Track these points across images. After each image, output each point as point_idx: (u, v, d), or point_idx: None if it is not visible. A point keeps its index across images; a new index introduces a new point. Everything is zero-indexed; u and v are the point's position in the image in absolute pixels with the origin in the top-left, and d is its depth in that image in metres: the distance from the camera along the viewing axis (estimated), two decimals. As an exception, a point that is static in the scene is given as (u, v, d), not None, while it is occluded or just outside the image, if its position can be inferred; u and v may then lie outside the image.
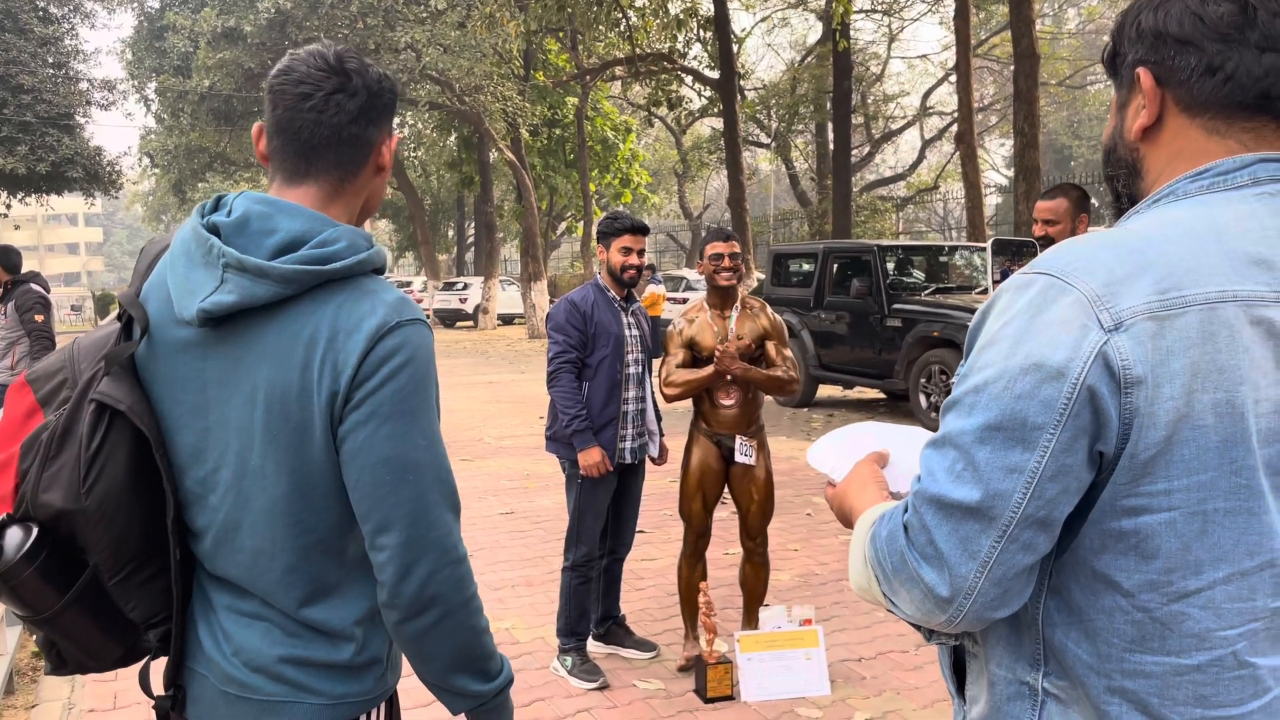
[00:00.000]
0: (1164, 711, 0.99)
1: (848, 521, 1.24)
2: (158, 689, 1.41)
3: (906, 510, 1.06)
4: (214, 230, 1.29)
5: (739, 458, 3.92)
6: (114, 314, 1.40)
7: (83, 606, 1.27)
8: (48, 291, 6.47)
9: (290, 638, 1.33)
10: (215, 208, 1.34)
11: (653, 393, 4.13)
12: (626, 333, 3.95)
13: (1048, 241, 3.75)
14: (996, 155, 39.78)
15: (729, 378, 3.86)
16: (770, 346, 3.92)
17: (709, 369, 3.82)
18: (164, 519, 1.32)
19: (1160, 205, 1.08)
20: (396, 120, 31.90)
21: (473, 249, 37.61)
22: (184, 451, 1.33)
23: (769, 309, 4.02)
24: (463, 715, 1.39)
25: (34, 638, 1.37)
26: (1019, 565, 0.99)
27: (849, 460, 1.32)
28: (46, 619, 1.27)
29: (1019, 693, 1.09)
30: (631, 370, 3.96)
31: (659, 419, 4.18)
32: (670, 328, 4.04)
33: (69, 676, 3.94)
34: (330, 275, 1.27)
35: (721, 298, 3.93)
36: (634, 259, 3.94)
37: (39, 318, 6.26)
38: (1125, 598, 0.99)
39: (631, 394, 3.96)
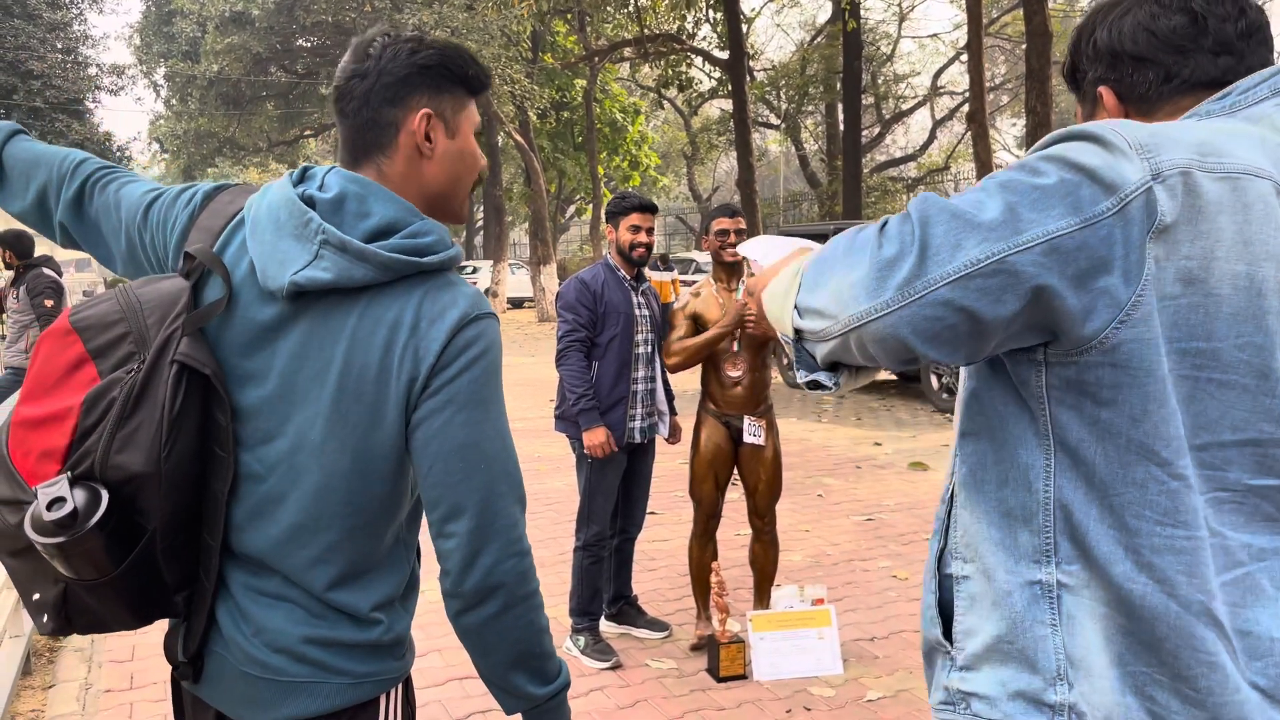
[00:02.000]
0: (1190, 591, 0.97)
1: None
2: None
3: (889, 218, 1.05)
4: (309, 203, 1.28)
5: (747, 438, 3.91)
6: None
7: (133, 573, 1.25)
8: (60, 276, 6.49)
9: (315, 619, 1.32)
10: (303, 179, 1.34)
11: (663, 372, 4.13)
12: (636, 312, 3.94)
13: None
14: (1008, 135, 39.46)
15: (735, 348, 3.85)
16: None
17: (713, 331, 3.80)
18: (207, 486, 1.30)
19: (1187, 121, 1.09)
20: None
21: (481, 233, 37.60)
22: (236, 419, 1.31)
23: None
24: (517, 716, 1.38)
25: (34, 597, 1.29)
26: (969, 303, 0.96)
27: (780, 252, 1.30)
28: (91, 585, 1.23)
29: (1034, 596, 1.06)
30: (641, 350, 3.95)
31: (670, 398, 4.18)
32: (675, 304, 4.03)
33: (85, 656, 3.97)
34: (424, 267, 1.28)
35: (728, 272, 3.93)
36: (643, 237, 3.92)
37: (49, 303, 6.28)
38: (1161, 467, 0.98)
39: (641, 373, 3.96)
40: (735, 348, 3.88)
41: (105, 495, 1.19)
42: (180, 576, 1.31)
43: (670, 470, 7.32)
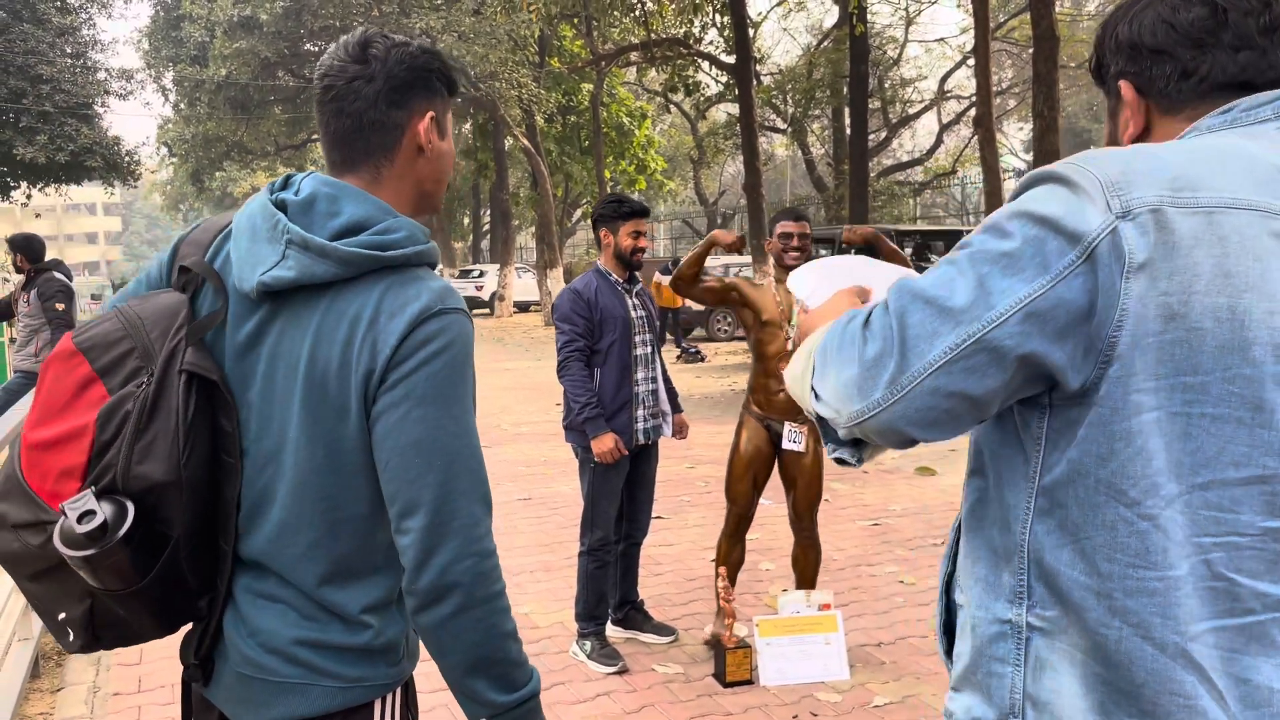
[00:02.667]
0: (1165, 633, 0.96)
1: None
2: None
3: (874, 306, 1.07)
4: (281, 207, 1.31)
5: (787, 444, 3.93)
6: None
7: (160, 582, 1.27)
8: (70, 280, 6.52)
9: (306, 620, 1.33)
10: (284, 186, 1.36)
11: (664, 372, 4.14)
12: (633, 314, 3.96)
13: None
14: (1015, 139, 39.41)
15: (790, 347, 3.85)
16: None
17: (707, 237, 3.89)
18: (221, 491, 1.33)
19: (1186, 138, 1.09)
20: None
21: (488, 236, 37.65)
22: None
23: None
24: None
25: (60, 617, 1.31)
26: (958, 386, 0.98)
27: (829, 288, 1.30)
28: (120, 595, 1.25)
29: (1000, 633, 1.07)
30: (640, 351, 3.97)
31: (674, 396, 4.19)
32: (733, 278, 4.05)
33: (94, 659, 3.99)
34: (388, 262, 1.29)
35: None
36: (643, 242, 3.96)
37: (60, 306, 6.31)
38: (1129, 508, 0.97)
39: (642, 375, 3.97)
40: (790, 347, 3.88)
41: (131, 506, 1.22)
42: (202, 582, 1.34)
43: (676, 475, 7.32)
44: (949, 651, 1.19)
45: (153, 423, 1.24)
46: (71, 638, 1.32)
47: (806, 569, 4.06)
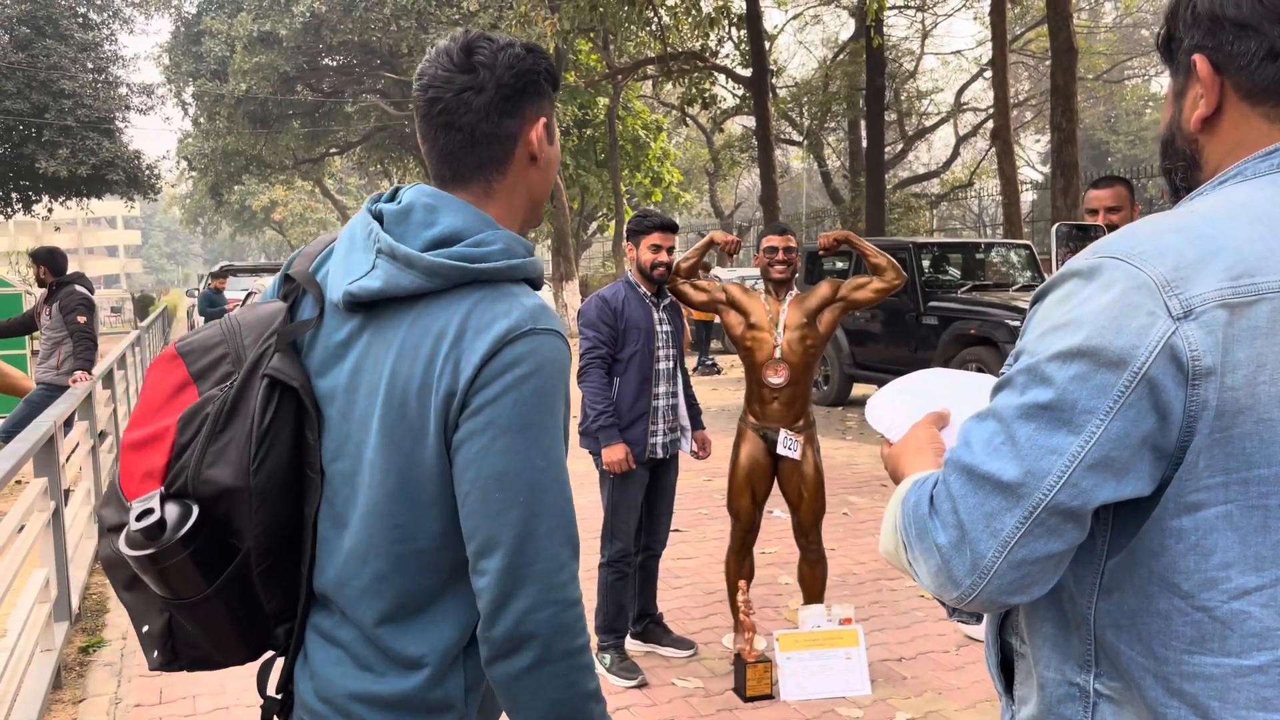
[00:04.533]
0: (1224, 715, 0.95)
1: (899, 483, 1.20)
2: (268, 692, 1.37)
3: (937, 480, 1.03)
4: (379, 217, 1.27)
5: (781, 449, 3.90)
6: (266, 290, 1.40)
7: (227, 595, 1.22)
8: (92, 293, 6.57)
9: (362, 670, 1.25)
10: (391, 198, 1.31)
11: (687, 387, 4.13)
12: (658, 328, 3.96)
13: (1113, 230, 3.67)
14: (1031, 151, 39.31)
15: (776, 354, 3.84)
16: (844, 287, 3.89)
17: (706, 236, 4.00)
18: (301, 507, 1.27)
19: (1227, 186, 1.03)
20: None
21: (504, 249, 37.71)
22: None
23: (829, 279, 3.99)
24: None
25: (144, 629, 1.28)
26: (1042, 552, 0.95)
27: (907, 418, 1.25)
28: (188, 605, 1.21)
29: (1069, 694, 1.06)
30: (663, 365, 3.97)
31: (697, 413, 4.18)
32: (725, 281, 4.10)
33: (116, 670, 4.00)
34: (477, 275, 1.20)
35: (776, 288, 3.95)
36: (663, 256, 3.96)
37: (81, 319, 6.35)
38: (1183, 599, 0.95)
39: (663, 389, 3.97)
40: (777, 354, 3.88)
41: (195, 509, 1.19)
42: (280, 606, 1.28)
43: (695, 487, 7.30)
44: (1008, 689, 1.18)
45: (229, 427, 1.21)
46: (155, 654, 1.28)
47: (814, 585, 4.03)
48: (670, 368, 4.02)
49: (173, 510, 1.18)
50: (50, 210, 23.42)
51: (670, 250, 4.00)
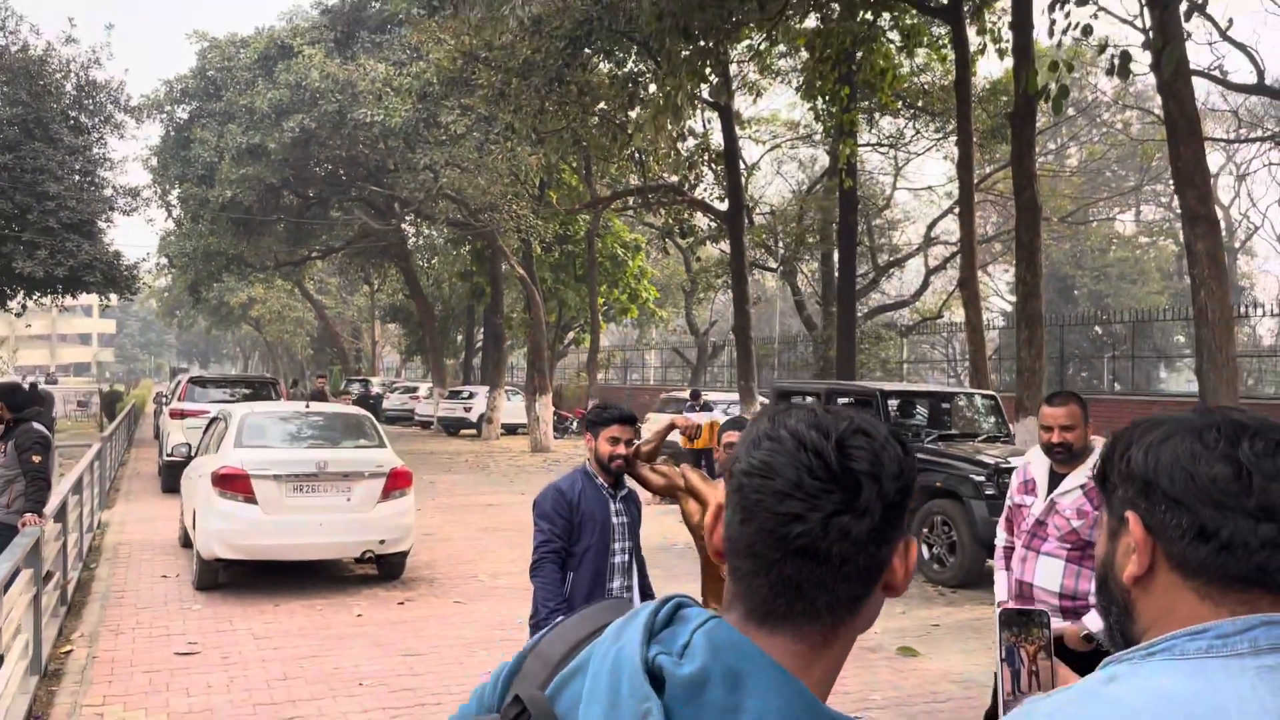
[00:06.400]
0: None
1: None
2: None
3: None
4: (656, 674, 0.93)
5: None
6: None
7: None
8: (51, 430, 6.50)
9: None
10: (669, 620, 0.99)
11: (641, 581, 4.10)
12: (614, 520, 3.95)
13: (1065, 448, 3.73)
14: (1000, 281, 40.28)
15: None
16: None
17: (668, 419, 4.14)
18: None
19: (1155, 661, 1.01)
20: (411, 232, 32.61)
21: (480, 355, 37.91)
22: None
23: None
24: None
25: None
26: None
27: None
28: None
29: None
30: (618, 559, 3.95)
31: (652, 607, 4.13)
32: (684, 466, 4.14)
33: None
34: None
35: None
36: (621, 449, 3.96)
37: (36, 459, 6.26)
38: None
39: (617, 584, 3.94)
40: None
41: None
42: None
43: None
44: None
45: None
46: None
47: None
48: (626, 561, 3.99)
49: None
50: (24, 307, 23.36)
51: (629, 443, 4.01)
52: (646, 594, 4.12)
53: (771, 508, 0.96)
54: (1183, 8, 8.64)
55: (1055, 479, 3.81)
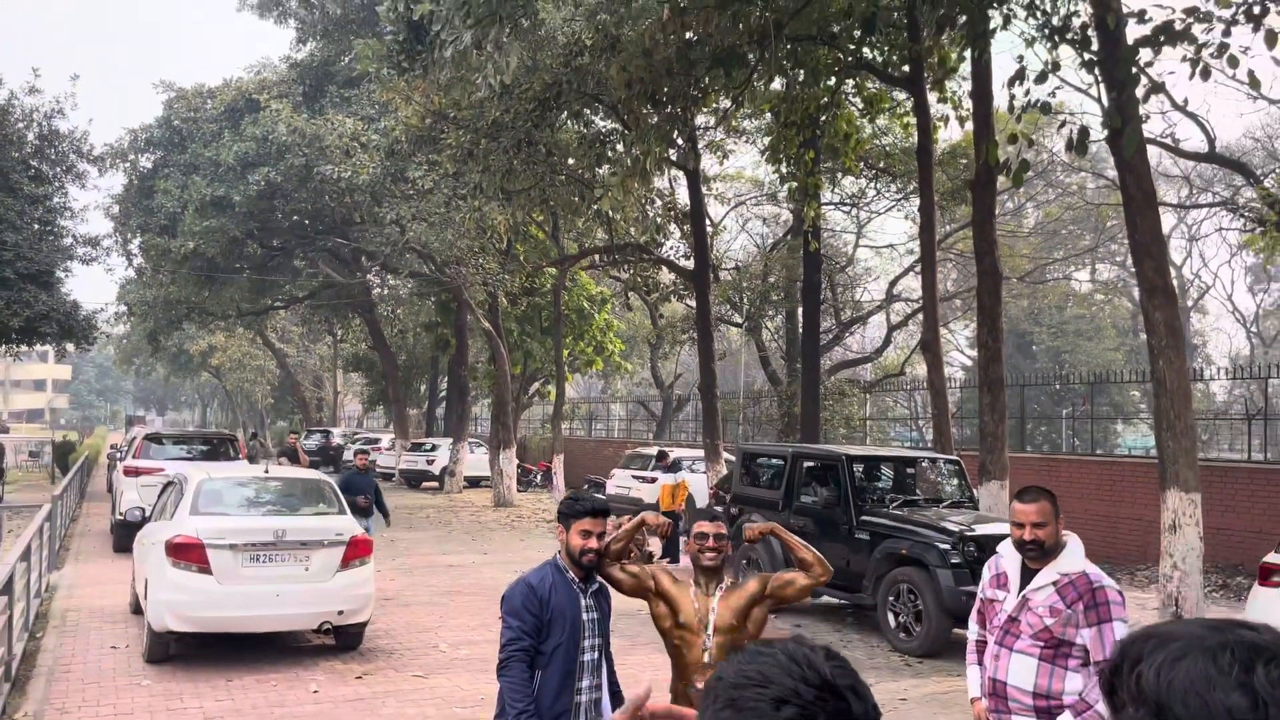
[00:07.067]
0: None
1: None
2: None
3: None
4: None
5: None
6: None
7: None
8: (2, 481, 6.30)
9: None
10: None
11: (610, 679, 4.02)
12: (584, 616, 3.86)
13: (1037, 545, 3.71)
14: (960, 336, 40.82)
15: (705, 659, 3.75)
16: (772, 582, 3.87)
17: (638, 517, 4.01)
18: None
19: None
20: (376, 283, 32.35)
21: (444, 405, 37.60)
22: None
23: (758, 575, 3.99)
24: None
25: None
26: None
27: None
28: None
29: None
30: (588, 657, 3.86)
31: (620, 702, 4.04)
32: (655, 565, 4.02)
33: None
34: None
35: (706, 577, 3.88)
36: (593, 542, 3.88)
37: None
38: None
39: (586, 683, 3.85)
40: (706, 659, 3.77)
41: None
42: None
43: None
44: None
45: None
46: None
47: None
48: (595, 659, 3.90)
49: None
50: (-24, 356, 22.84)
51: (601, 535, 3.95)
52: (615, 694, 4.04)
53: (771, 714, 1.00)
54: (1140, 91, 8.91)
55: (1028, 574, 3.79)
